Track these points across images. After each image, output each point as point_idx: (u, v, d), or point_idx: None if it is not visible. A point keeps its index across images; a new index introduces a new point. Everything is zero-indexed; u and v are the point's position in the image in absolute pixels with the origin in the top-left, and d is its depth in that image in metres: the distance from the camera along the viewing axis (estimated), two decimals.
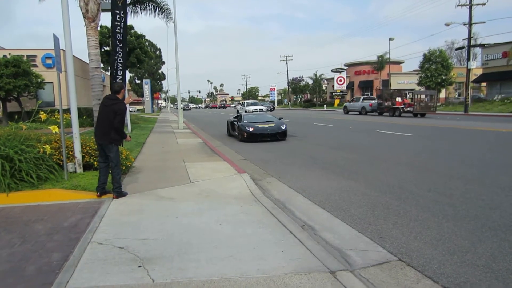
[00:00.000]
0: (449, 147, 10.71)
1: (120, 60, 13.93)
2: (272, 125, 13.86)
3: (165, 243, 3.84)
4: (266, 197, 5.66)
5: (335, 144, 12.19)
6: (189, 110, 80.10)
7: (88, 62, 14.42)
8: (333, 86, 58.38)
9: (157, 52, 59.12)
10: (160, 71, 65.35)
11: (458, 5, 30.07)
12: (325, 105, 57.21)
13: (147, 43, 39.23)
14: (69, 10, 6.83)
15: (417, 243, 3.87)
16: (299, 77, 74.43)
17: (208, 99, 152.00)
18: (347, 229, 4.37)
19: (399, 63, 60.12)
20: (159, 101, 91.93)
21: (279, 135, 13.53)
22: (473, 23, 30.60)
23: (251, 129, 13.44)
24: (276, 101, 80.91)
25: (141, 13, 18.88)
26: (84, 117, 18.99)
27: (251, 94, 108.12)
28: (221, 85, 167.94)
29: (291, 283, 2.96)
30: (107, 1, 14.26)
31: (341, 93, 57.08)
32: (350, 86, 60.06)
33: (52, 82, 22.05)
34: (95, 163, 6.86)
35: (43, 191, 5.66)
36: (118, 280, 3.05)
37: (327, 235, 4.16)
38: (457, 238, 3.95)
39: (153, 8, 18.85)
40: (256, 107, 37.77)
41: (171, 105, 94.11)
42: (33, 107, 20.59)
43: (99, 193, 5.59)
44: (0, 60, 18.43)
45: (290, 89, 76.52)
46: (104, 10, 14.83)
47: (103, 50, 25.98)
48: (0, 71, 18.09)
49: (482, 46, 39.28)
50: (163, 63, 63.66)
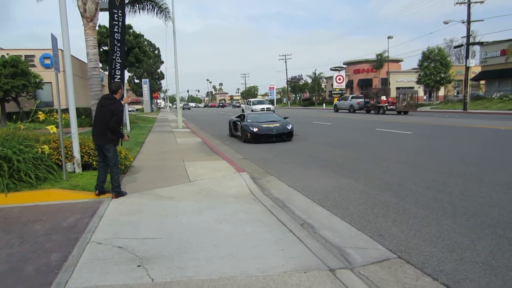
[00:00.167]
0: (448, 145, 10.71)
1: (118, 59, 13.91)
2: (278, 125, 13.05)
3: (165, 242, 3.84)
4: (266, 195, 5.66)
5: (334, 142, 12.20)
6: (189, 109, 79.26)
7: (87, 61, 14.39)
8: (332, 85, 58.23)
9: (156, 52, 59.04)
10: (159, 70, 65.29)
11: (456, 3, 30.10)
12: (324, 104, 57.19)
13: (145, 42, 39.10)
14: (67, 9, 6.83)
15: (416, 240, 3.88)
16: (298, 76, 74.57)
17: (207, 98, 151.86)
18: (346, 227, 4.37)
19: (398, 61, 60.12)
20: (158, 101, 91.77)
21: (285, 135, 12.74)
22: (472, 21, 30.66)
23: (255, 129, 12.68)
24: (275, 100, 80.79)
25: (139, 12, 18.90)
26: (83, 117, 18.93)
27: (250, 93, 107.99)
28: (220, 84, 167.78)
29: (290, 281, 2.96)
30: (105, 1, 14.21)
31: (340, 91, 57.03)
32: (349, 84, 60.02)
33: (51, 82, 21.96)
34: (94, 163, 6.85)
35: (42, 191, 5.65)
36: (118, 279, 3.04)
37: (326, 233, 4.16)
38: (456, 236, 3.95)
39: (151, 8, 18.85)
40: (264, 106, 34.32)
41: (170, 105, 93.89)
42: (31, 107, 20.48)
43: (97, 191, 5.59)
44: None
45: (289, 88, 76.51)
46: (102, 10, 14.77)
47: (101, 49, 25.94)
48: None
49: (480, 44, 39.29)
50: (162, 62, 63.68)
